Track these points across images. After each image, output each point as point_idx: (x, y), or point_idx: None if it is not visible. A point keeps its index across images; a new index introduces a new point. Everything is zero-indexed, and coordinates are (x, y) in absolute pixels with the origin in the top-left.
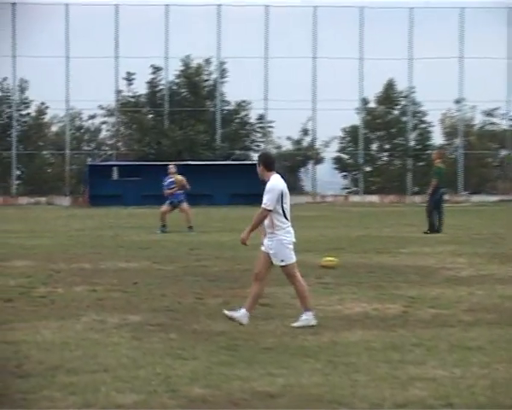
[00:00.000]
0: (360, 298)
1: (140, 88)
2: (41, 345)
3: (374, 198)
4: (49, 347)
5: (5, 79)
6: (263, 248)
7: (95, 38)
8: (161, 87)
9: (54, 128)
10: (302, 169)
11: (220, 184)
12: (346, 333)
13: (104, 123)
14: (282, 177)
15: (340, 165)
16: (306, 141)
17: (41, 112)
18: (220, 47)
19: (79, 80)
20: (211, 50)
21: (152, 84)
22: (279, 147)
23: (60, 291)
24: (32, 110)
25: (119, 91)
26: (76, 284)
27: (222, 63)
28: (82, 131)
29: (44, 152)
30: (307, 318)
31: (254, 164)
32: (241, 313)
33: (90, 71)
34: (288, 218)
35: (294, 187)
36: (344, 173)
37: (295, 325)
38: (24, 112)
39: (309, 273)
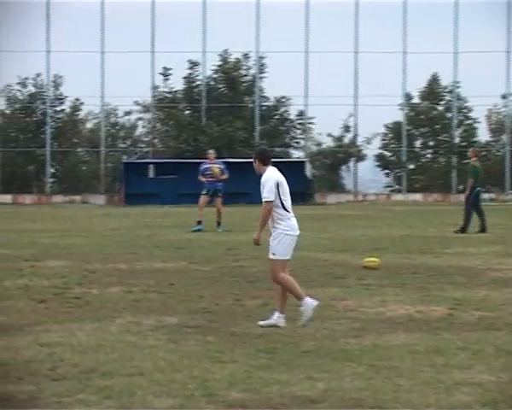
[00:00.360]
0: (403, 300)
1: (177, 83)
2: (76, 347)
3: (417, 197)
4: (84, 349)
5: (39, 74)
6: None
7: (131, 33)
8: (198, 82)
9: (89, 125)
10: (343, 167)
11: (258, 183)
12: (388, 336)
13: (140, 119)
14: (320, 176)
15: (383, 162)
16: (348, 138)
17: (76, 108)
18: (259, 41)
19: (115, 76)
20: (249, 45)
21: (189, 80)
22: (319, 144)
23: (95, 292)
24: (66, 106)
25: (155, 87)
26: (111, 284)
27: (261, 58)
28: (117, 127)
29: (79, 149)
30: (276, 319)
31: (294, 162)
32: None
33: (126, 66)
34: (288, 209)
35: (335, 185)
36: (386, 171)
37: (262, 323)
38: (58, 108)
39: (350, 274)
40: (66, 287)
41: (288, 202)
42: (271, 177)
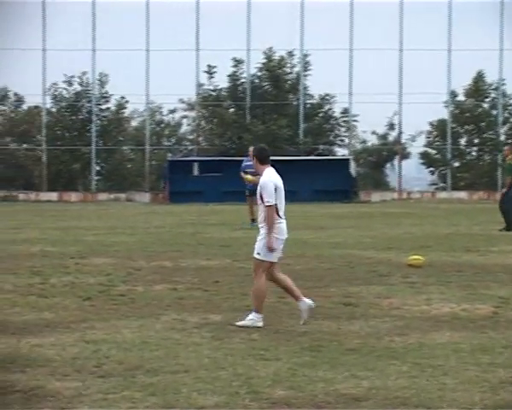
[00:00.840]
0: (448, 298)
1: (221, 81)
2: (121, 345)
3: (462, 195)
4: (129, 346)
5: (85, 73)
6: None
7: (175, 31)
8: (243, 80)
9: (134, 123)
10: (388, 165)
11: (303, 180)
12: (433, 334)
13: (184, 117)
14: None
15: (427, 160)
16: (392, 135)
17: (121, 106)
18: (303, 39)
19: (160, 74)
20: (294, 42)
21: (233, 78)
22: (364, 142)
23: (139, 290)
24: (111, 105)
25: (199, 85)
26: (156, 282)
27: (305, 55)
28: (162, 125)
29: (124, 147)
30: (254, 319)
31: (338, 160)
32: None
33: (171, 64)
34: (281, 214)
35: (380, 183)
36: (431, 169)
37: (239, 323)
38: (104, 106)
39: (394, 272)
40: (112, 284)
41: (282, 207)
42: (271, 180)
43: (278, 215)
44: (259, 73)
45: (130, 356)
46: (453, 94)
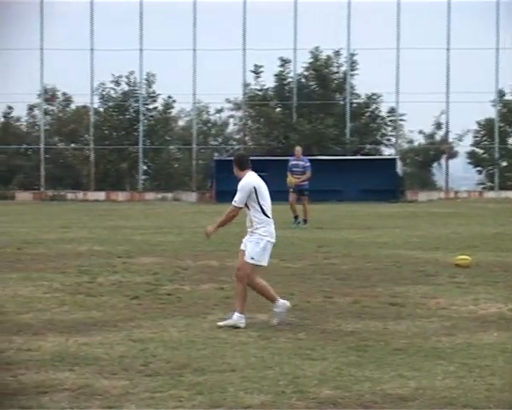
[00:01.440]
0: (496, 298)
1: (268, 81)
2: (168, 343)
3: (510, 194)
4: (176, 345)
5: (132, 73)
6: (242, 247)
7: (222, 31)
8: (290, 80)
9: (181, 122)
10: (435, 164)
11: (350, 180)
12: (480, 335)
13: (231, 117)
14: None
15: (475, 159)
16: (439, 135)
17: (168, 106)
18: (350, 38)
19: (206, 73)
20: (341, 42)
21: (280, 77)
22: (411, 141)
23: (186, 289)
24: (158, 104)
25: (246, 84)
26: (203, 281)
27: (352, 55)
28: (209, 125)
29: (171, 147)
30: (237, 319)
31: (385, 159)
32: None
33: (218, 64)
34: (269, 214)
35: (426, 182)
36: (478, 168)
37: (221, 324)
38: (151, 106)
39: (442, 272)
40: (159, 283)
41: (267, 206)
42: (249, 183)
43: (266, 215)
44: (306, 73)
45: (178, 355)
46: (501, 93)
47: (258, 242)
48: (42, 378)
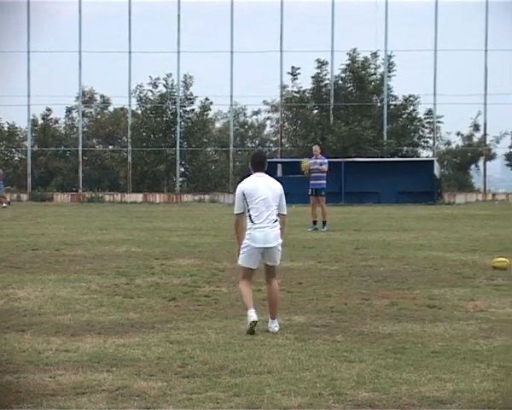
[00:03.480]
0: None
1: (305, 83)
2: (205, 345)
3: None
4: (214, 347)
5: (170, 75)
6: None
7: (260, 32)
8: (327, 82)
9: (218, 124)
10: (472, 166)
11: (387, 182)
12: None
13: (268, 119)
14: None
15: None
16: (477, 136)
17: (205, 108)
18: (387, 40)
19: (244, 75)
20: (378, 43)
21: (317, 79)
22: (448, 143)
23: (224, 291)
24: (196, 106)
25: (283, 86)
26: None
27: (389, 57)
28: (246, 127)
29: (208, 149)
30: (248, 315)
31: (422, 161)
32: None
33: (255, 66)
34: (254, 219)
35: (464, 184)
36: None
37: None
38: (188, 108)
39: (479, 274)
40: (196, 285)
41: (255, 212)
42: (240, 188)
43: (251, 221)
44: (343, 75)
45: (215, 357)
46: None
47: (243, 247)
48: (80, 379)
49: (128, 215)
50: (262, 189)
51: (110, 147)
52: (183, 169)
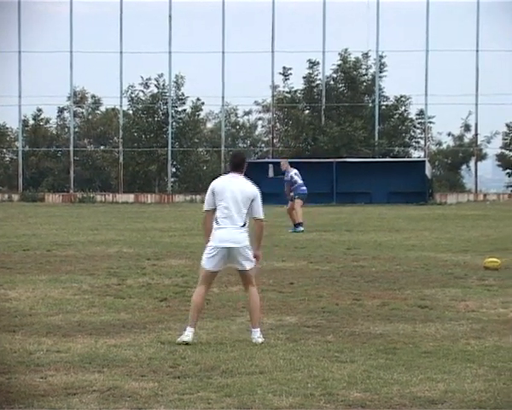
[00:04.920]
0: None
1: (296, 83)
2: (196, 345)
3: None
4: (205, 347)
5: (161, 75)
6: None
7: (251, 33)
8: (318, 82)
9: (209, 125)
10: (464, 166)
11: (379, 182)
12: (510, 337)
13: (260, 119)
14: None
15: (504, 162)
16: (468, 137)
17: (196, 108)
18: (379, 40)
19: (235, 76)
20: (369, 44)
21: (309, 79)
22: (440, 143)
23: (215, 291)
24: (187, 106)
25: (275, 87)
26: (231, 283)
27: (381, 57)
28: (237, 127)
29: (200, 149)
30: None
31: (414, 161)
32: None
33: (246, 66)
34: (220, 221)
35: (455, 185)
36: (508, 171)
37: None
38: (179, 108)
39: (471, 275)
40: (187, 286)
41: (221, 213)
42: (212, 184)
43: (216, 222)
44: (335, 75)
45: (206, 357)
46: None
47: (207, 248)
48: (71, 380)
49: (119, 216)
50: (232, 190)
51: (101, 147)
52: (174, 169)
